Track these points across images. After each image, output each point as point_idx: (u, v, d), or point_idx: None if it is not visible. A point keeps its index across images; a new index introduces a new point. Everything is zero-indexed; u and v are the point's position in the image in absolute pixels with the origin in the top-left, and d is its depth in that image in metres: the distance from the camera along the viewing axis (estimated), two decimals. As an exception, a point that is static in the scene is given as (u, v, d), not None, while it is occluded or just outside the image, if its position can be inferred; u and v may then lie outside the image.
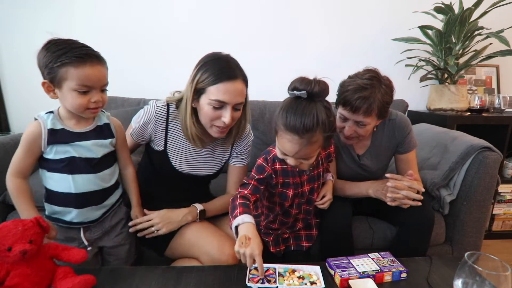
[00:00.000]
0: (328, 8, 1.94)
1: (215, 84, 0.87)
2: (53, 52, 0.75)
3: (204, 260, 0.93)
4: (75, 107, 0.80)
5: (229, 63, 0.91)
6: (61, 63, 0.74)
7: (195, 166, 1.07)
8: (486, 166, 1.20)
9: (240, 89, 0.90)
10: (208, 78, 0.88)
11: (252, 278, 0.77)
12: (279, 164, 0.95)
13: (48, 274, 0.71)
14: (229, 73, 0.88)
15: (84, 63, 0.76)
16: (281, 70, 1.93)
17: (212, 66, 0.89)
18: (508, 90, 2.08)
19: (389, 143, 1.17)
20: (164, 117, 0.99)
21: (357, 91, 0.96)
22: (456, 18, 1.65)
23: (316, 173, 1.01)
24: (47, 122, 0.81)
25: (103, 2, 1.83)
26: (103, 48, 0.76)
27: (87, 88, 0.78)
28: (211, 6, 1.89)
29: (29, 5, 1.78)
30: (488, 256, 0.58)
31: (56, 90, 0.79)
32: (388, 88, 1.00)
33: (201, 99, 0.91)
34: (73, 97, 0.78)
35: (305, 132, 0.78)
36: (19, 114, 1.90)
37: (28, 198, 0.84)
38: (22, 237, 0.65)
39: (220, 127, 0.93)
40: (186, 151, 1.04)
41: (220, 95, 0.87)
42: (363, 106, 0.95)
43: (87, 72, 0.77)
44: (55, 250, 0.73)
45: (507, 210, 1.85)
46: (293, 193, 0.99)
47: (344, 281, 0.76)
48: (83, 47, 0.79)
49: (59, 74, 0.76)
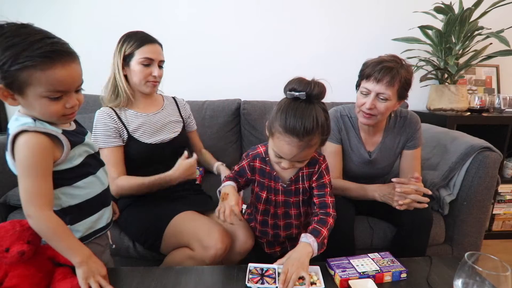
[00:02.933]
0: (328, 8, 1.93)
1: (141, 47, 1.09)
2: (4, 50, 0.58)
3: (195, 246, 0.95)
4: (47, 116, 0.66)
5: (145, 33, 1.14)
6: (22, 66, 0.58)
7: (163, 134, 1.19)
8: (486, 166, 1.20)
9: (159, 49, 1.14)
10: (134, 43, 1.08)
11: (251, 278, 0.77)
12: (258, 162, 0.93)
13: (47, 275, 0.70)
14: (149, 38, 1.13)
15: (53, 64, 0.60)
16: (281, 70, 1.93)
17: (134, 36, 1.10)
18: (508, 90, 2.08)
19: (399, 139, 1.19)
20: (112, 113, 1.11)
21: (381, 62, 1.02)
22: (456, 18, 1.65)
23: (294, 188, 0.93)
24: (49, 127, 0.67)
25: (104, 2, 1.83)
26: (104, 48, 0.76)
27: (60, 93, 0.64)
28: (211, 7, 1.89)
29: (29, 5, 1.79)
30: (488, 256, 0.58)
31: (17, 96, 0.63)
32: (409, 70, 1.05)
33: (131, 63, 1.09)
34: (43, 104, 0.63)
35: (306, 135, 0.75)
36: (19, 114, 1.90)
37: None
38: (20, 237, 0.65)
39: (151, 81, 1.12)
40: (145, 125, 1.16)
41: (148, 54, 1.09)
42: (387, 76, 1.00)
43: (58, 75, 0.61)
44: (54, 251, 0.72)
45: (507, 210, 1.85)
46: (266, 197, 0.95)
47: (344, 282, 0.76)
48: (46, 38, 0.61)
49: (20, 79, 0.59)
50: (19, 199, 1.21)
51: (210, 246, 0.92)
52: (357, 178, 1.18)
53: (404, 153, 1.20)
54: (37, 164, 0.64)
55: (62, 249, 0.68)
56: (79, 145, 0.72)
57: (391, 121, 1.19)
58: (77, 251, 0.68)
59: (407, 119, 1.18)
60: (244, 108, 1.76)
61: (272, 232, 1.00)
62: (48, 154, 0.65)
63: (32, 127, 0.64)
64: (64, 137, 0.68)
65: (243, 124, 1.78)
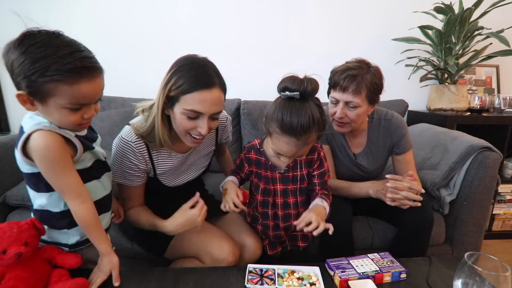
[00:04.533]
0: (328, 9, 1.93)
1: (190, 93, 0.79)
2: (35, 61, 0.57)
3: (205, 259, 0.93)
4: (64, 124, 0.66)
5: (205, 68, 0.82)
6: (50, 79, 0.58)
7: (188, 174, 1.05)
8: (486, 166, 1.20)
9: (217, 97, 0.82)
10: (182, 85, 0.79)
11: (251, 279, 0.77)
12: (253, 154, 0.96)
13: (43, 277, 0.70)
14: (206, 80, 0.80)
15: (80, 79, 0.61)
16: (281, 70, 1.89)
17: (186, 72, 0.80)
18: (508, 90, 2.08)
19: (384, 143, 1.17)
20: (144, 149, 0.90)
21: (345, 71, 1.01)
22: (456, 18, 1.64)
23: (291, 175, 0.95)
24: (64, 129, 0.67)
25: (104, 3, 1.83)
26: (104, 49, 0.75)
27: (80, 105, 0.65)
28: (212, 8, 1.89)
29: (29, 5, 1.78)
30: (488, 256, 0.58)
31: (37, 103, 0.63)
32: (377, 72, 1.04)
33: (174, 108, 0.82)
34: (62, 114, 0.64)
35: (303, 134, 0.77)
36: (19, 114, 1.87)
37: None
38: (17, 239, 0.64)
39: (195, 137, 0.87)
40: (175, 167, 0.99)
41: (195, 105, 0.80)
42: (352, 84, 0.99)
43: (84, 89, 0.62)
44: (51, 253, 0.73)
45: (507, 210, 1.85)
46: (264, 188, 0.96)
47: (343, 282, 0.76)
48: (76, 52, 0.61)
49: (45, 90, 0.60)
50: (18, 199, 1.23)
51: (221, 260, 0.91)
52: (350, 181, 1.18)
53: (395, 158, 1.19)
54: (58, 160, 0.65)
55: (91, 239, 0.73)
56: (89, 151, 0.74)
57: (374, 123, 1.17)
58: (103, 242, 0.74)
59: (391, 123, 1.15)
60: (244, 108, 1.76)
61: (273, 223, 1.00)
62: (66, 149, 0.67)
63: (48, 127, 0.65)
64: (77, 140, 0.68)
65: (243, 124, 1.78)
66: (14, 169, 1.27)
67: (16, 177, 1.30)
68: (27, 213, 1.23)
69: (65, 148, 0.66)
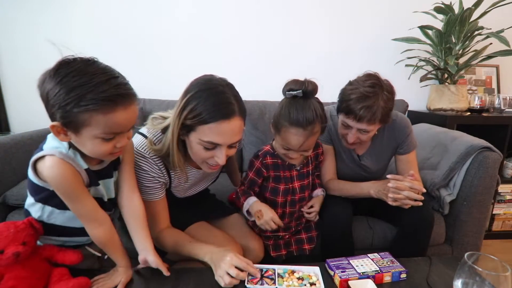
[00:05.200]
0: (328, 9, 1.93)
1: (208, 124, 0.73)
2: (70, 90, 0.56)
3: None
4: (95, 155, 0.66)
5: (224, 95, 0.75)
6: (85, 109, 0.57)
7: (199, 186, 1.06)
8: (486, 166, 1.20)
9: (237, 127, 0.77)
10: (200, 116, 0.73)
11: (251, 279, 0.77)
12: (270, 159, 1.03)
13: (43, 276, 0.70)
14: (225, 109, 0.74)
15: (115, 108, 0.59)
16: (281, 70, 1.93)
17: (204, 100, 0.73)
18: (508, 90, 2.08)
19: (389, 144, 1.17)
20: (162, 164, 0.87)
21: (360, 100, 0.96)
22: (456, 18, 1.64)
23: (305, 170, 1.07)
24: (79, 162, 0.67)
25: (104, 3, 1.83)
26: (104, 49, 0.75)
27: (114, 134, 0.63)
28: (212, 8, 1.89)
29: (29, 5, 1.78)
30: (488, 256, 0.58)
31: (70, 133, 0.61)
32: (390, 94, 1.00)
33: (190, 136, 0.78)
34: (95, 144, 0.62)
35: (308, 124, 0.88)
36: (19, 114, 1.90)
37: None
38: (14, 239, 0.64)
39: (212, 165, 0.84)
40: (187, 181, 0.97)
41: (213, 137, 0.75)
42: (367, 115, 0.96)
43: (119, 118, 0.61)
44: (51, 251, 0.73)
45: (507, 210, 1.85)
46: (284, 188, 1.04)
47: (343, 282, 0.76)
48: (111, 79, 0.60)
49: (79, 120, 0.58)
50: (17, 199, 1.23)
51: None
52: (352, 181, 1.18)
53: (399, 158, 1.19)
54: (72, 189, 0.66)
55: (108, 254, 0.76)
56: (93, 187, 0.72)
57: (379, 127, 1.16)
58: (120, 257, 0.76)
59: (396, 123, 1.14)
60: (244, 108, 1.76)
61: (287, 220, 1.08)
62: (78, 179, 0.66)
63: (63, 154, 0.64)
64: (86, 175, 0.68)
65: (243, 124, 1.78)
66: (14, 169, 1.28)
67: (16, 177, 1.30)
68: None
69: (78, 178, 0.66)
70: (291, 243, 1.09)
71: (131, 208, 0.80)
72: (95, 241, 0.73)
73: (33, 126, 1.60)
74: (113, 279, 0.75)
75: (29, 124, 1.68)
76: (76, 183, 0.66)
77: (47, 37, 1.76)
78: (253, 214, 0.98)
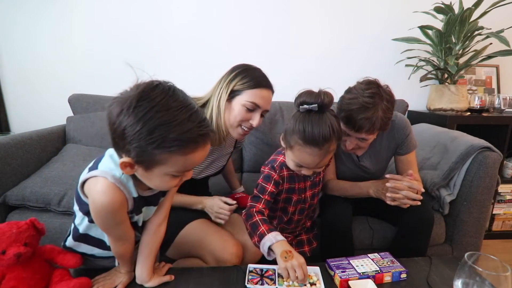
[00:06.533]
0: (328, 9, 1.93)
1: (254, 88, 0.96)
2: (153, 130, 0.52)
3: (208, 259, 0.94)
4: (161, 188, 0.65)
5: (264, 74, 1.01)
6: (167, 151, 0.54)
7: (208, 170, 1.13)
8: (486, 166, 1.20)
9: (271, 98, 1.01)
10: (249, 82, 0.95)
11: (251, 279, 0.77)
12: (286, 171, 0.97)
13: (44, 277, 0.70)
14: (267, 82, 0.99)
15: (196, 148, 0.57)
16: (281, 70, 1.93)
17: (251, 73, 0.98)
18: (508, 90, 2.08)
19: (388, 145, 1.17)
20: None
21: (360, 111, 0.94)
22: (456, 18, 1.64)
23: (318, 179, 1.06)
24: (131, 189, 0.63)
25: (104, 4, 1.83)
26: (104, 49, 0.75)
27: (186, 171, 0.62)
28: (213, 9, 1.89)
29: (29, 5, 1.78)
30: (488, 256, 0.58)
31: (139, 168, 0.58)
32: (390, 103, 0.98)
33: (234, 100, 0.97)
34: (163, 180, 0.60)
35: (325, 143, 0.81)
36: (19, 114, 1.89)
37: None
38: (16, 239, 0.64)
39: (245, 129, 1.01)
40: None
41: (257, 99, 0.96)
42: (366, 126, 0.95)
43: (197, 158, 0.58)
44: (51, 253, 0.73)
45: (507, 210, 1.85)
46: (297, 199, 1.01)
47: (344, 282, 0.76)
48: (192, 114, 0.55)
49: (156, 159, 0.55)
50: (18, 199, 1.23)
51: (224, 260, 0.91)
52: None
53: (398, 158, 1.19)
54: (115, 216, 0.62)
55: (119, 260, 0.76)
56: (137, 213, 0.71)
57: None
58: (126, 264, 0.76)
59: (395, 123, 1.13)
60: (244, 108, 1.76)
61: (293, 226, 1.08)
62: (125, 207, 0.63)
63: (116, 178, 0.60)
64: (132, 203, 0.65)
65: (243, 124, 1.78)
66: (14, 169, 1.28)
67: (16, 177, 1.30)
68: (27, 213, 1.24)
69: (124, 207, 0.63)
70: (292, 245, 1.09)
71: (154, 236, 0.77)
72: (114, 253, 0.72)
73: (33, 126, 1.59)
74: (114, 279, 0.75)
75: (29, 124, 1.69)
76: (120, 212, 0.62)
77: (48, 37, 1.76)
78: (279, 253, 0.79)
